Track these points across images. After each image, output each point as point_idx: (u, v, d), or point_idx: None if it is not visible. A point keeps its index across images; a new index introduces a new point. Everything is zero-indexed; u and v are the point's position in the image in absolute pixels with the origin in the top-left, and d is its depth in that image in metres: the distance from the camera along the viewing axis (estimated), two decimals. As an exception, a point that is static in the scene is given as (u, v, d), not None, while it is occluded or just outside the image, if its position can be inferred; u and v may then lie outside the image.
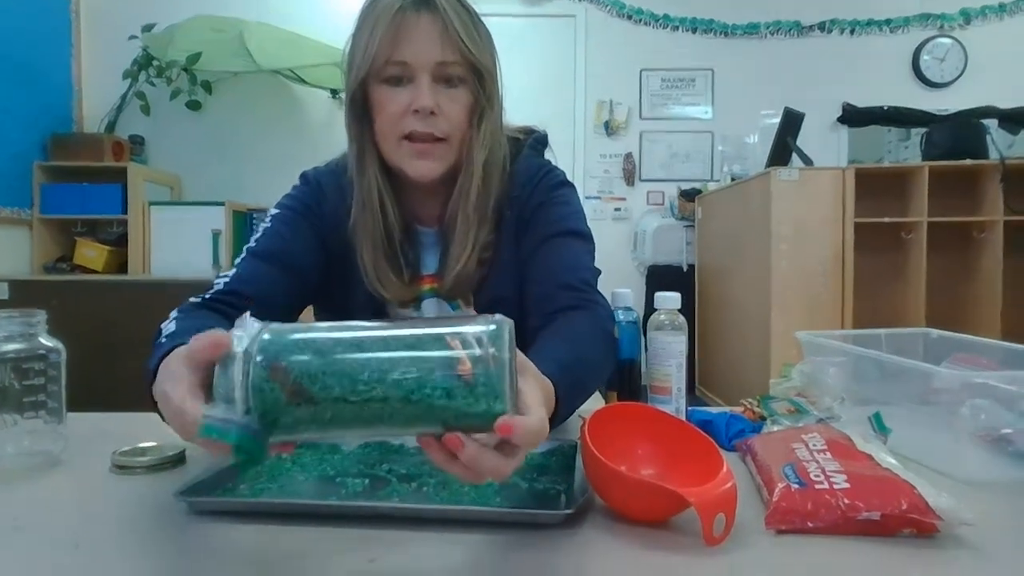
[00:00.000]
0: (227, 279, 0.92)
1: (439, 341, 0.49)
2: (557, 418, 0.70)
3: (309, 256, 0.99)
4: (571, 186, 1.07)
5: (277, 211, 1.01)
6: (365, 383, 0.48)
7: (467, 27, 0.92)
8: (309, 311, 1.06)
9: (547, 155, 1.13)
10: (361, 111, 0.96)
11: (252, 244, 0.97)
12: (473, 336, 0.49)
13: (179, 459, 0.79)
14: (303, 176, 1.06)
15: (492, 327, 0.50)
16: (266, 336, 0.50)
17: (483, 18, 0.97)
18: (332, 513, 0.63)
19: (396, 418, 0.49)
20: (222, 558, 0.56)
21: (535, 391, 0.54)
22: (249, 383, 0.49)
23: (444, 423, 0.49)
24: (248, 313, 0.53)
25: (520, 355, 0.56)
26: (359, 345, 0.50)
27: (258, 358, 0.49)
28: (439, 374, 0.48)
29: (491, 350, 0.49)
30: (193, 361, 0.51)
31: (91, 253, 3.60)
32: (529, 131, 1.11)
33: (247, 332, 0.51)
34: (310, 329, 0.52)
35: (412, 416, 0.49)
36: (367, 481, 0.70)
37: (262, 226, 0.99)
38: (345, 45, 0.97)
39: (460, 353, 0.48)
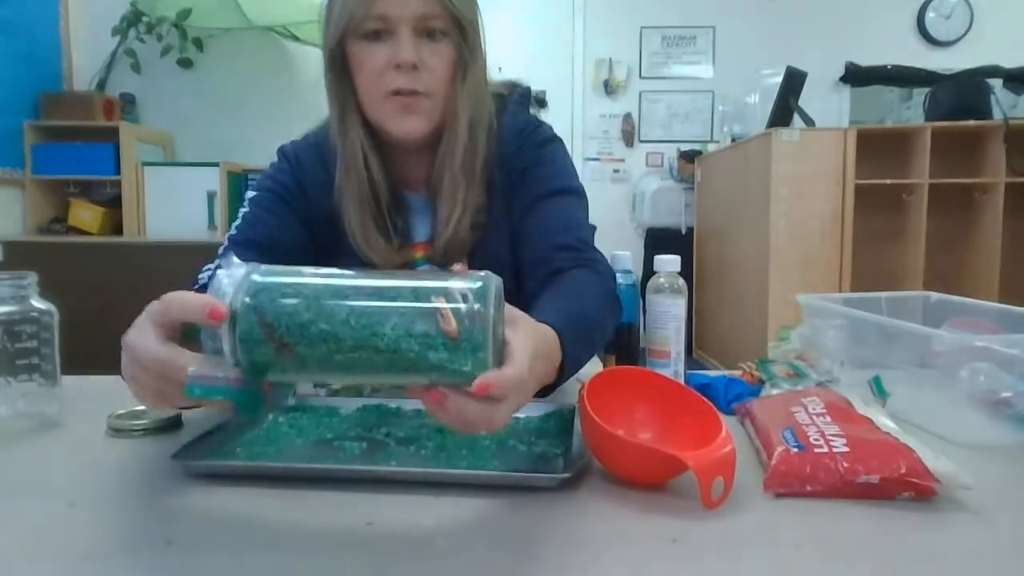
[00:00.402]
0: (210, 273, 0.90)
1: (424, 295, 0.50)
2: (565, 368, 0.69)
3: (291, 238, 0.97)
4: (559, 141, 1.04)
5: (254, 194, 0.98)
6: (351, 337, 0.49)
7: None
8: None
9: (534, 110, 1.10)
10: (341, 70, 0.93)
11: (233, 232, 0.95)
12: (458, 291, 0.50)
13: (175, 423, 0.79)
14: (280, 151, 1.03)
15: (478, 283, 0.51)
16: (256, 278, 0.51)
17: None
18: (330, 476, 0.63)
19: (382, 370, 0.50)
20: (219, 521, 0.56)
21: (525, 341, 0.54)
22: (237, 337, 0.49)
23: (429, 376, 0.50)
24: (234, 257, 0.53)
25: (513, 309, 0.57)
26: (345, 296, 0.50)
27: (246, 299, 0.49)
28: (422, 328, 0.49)
29: (475, 306, 0.49)
30: (169, 317, 0.51)
31: (86, 214, 3.57)
32: (513, 85, 1.07)
33: (232, 279, 0.51)
34: (296, 274, 0.53)
35: (398, 368, 0.50)
36: (365, 445, 0.70)
37: (241, 211, 0.97)
38: (321, 2, 0.93)
39: (443, 306, 0.49)
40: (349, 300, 0.50)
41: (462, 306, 0.49)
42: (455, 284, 0.50)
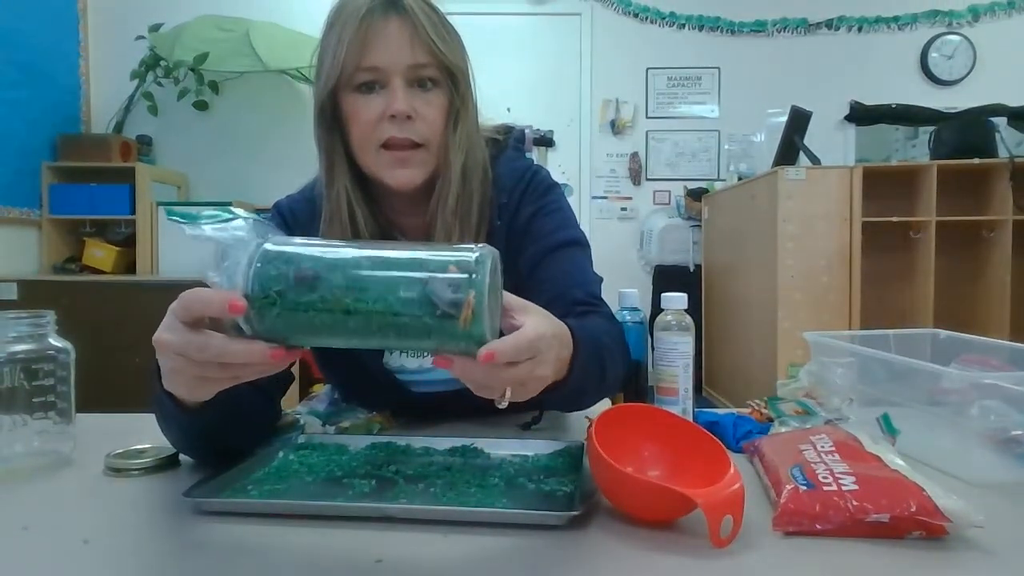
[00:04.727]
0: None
1: (426, 265, 0.53)
2: (577, 359, 0.69)
3: None
4: (558, 186, 1.06)
5: None
6: (355, 303, 0.53)
7: (437, 28, 0.90)
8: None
9: (542, 151, 1.11)
10: (331, 121, 0.93)
11: None
12: (455, 260, 0.53)
13: (173, 461, 0.79)
14: (276, 207, 1.04)
15: (476, 254, 0.53)
16: (268, 247, 0.55)
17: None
18: (339, 514, 0.63)
19: (386, 335, 0.54)
20: (230, 558, 0.56)
21: (535, 320, 0.59)
22: (251, 304, 0.54)
23: (430, 340, 0.53)
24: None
25: (524, 301, 0.62)
26: (351, 265, 0.54)
27: (257, 265, 0.54)
28: (423, 295, 0.52)
29: (474, 275, 0.52)
30: (193, 315, 0.56)
31: (99, 253, 3.62)
32: (507, 129, 1.08)
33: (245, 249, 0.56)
34: (306, 244, 0.57)
35: (400, 334, 0.53)
36: (374, 482, 0.70)
37: None
38: (312, 54, 0.94)
39: (442, 275, 0.52)
40: (355, 269, 0.53)
41: (461, 275, 0.52)
42: (454, 255, 0.54)
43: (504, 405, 0.60)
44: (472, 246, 0.55)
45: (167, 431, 0.76)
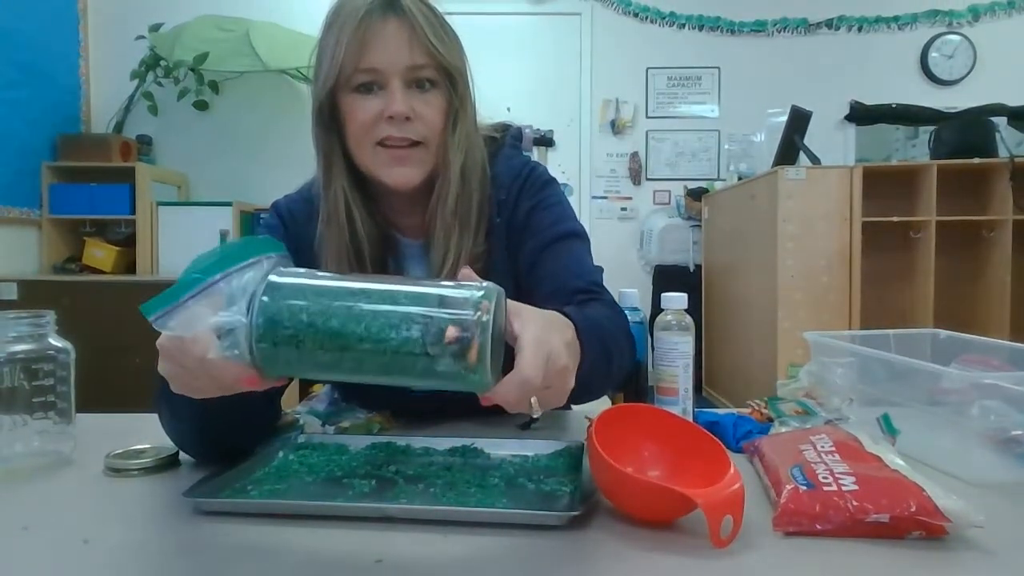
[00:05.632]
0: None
1: (430, 302, 0.53)
2: (584, 355, 0.69)
3: None
4: (555, 181, 1.06)
5: None
6: (358, 339, 0.53)
7: (435, 28, 0.90)
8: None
9: (542, 150, 1.11)
10: (329, 122, 0.93)
11: None
12: (462, 300, 0.53)
13: (173, 461, 0.79)
14: (274, 207, 1.04)
15: (480, 293, 0.53)
16: (273, 278, 0.56)
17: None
18: (339, 514, 0.63)
19: (388, 372, 0.54)
20: (230, 558, 0.56)
21: (530, 324, 0.58)
22: (253, 335, 0.55)
23: (433, 379, 0.53)
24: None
25: (513, 302, 0.61)
26: (355, 298, 0.54)
27: (264, 298, 0.55)
28: (423, 334, 0.52)
29: (478, 314, 0.52)
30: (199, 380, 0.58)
31: (99, 253, 3.62)
32: (504, 127, 1.08)
33: (252, 278, 0.56)
34: (312, 276, 0.57)
35: (401, 371, 0.53)
36: (374, 482, 0.70)
37: None
38: (310, 54, 0.94)
39: (447, 314, 0.52)
40: (359, 303, 0.53)
41: (466, 315, 0.52)
42: (460, 293, 0.53)
43: (538, 414, 0.59)
44: (474, 286, 0.54)
45: (169, 422, 0.76)
